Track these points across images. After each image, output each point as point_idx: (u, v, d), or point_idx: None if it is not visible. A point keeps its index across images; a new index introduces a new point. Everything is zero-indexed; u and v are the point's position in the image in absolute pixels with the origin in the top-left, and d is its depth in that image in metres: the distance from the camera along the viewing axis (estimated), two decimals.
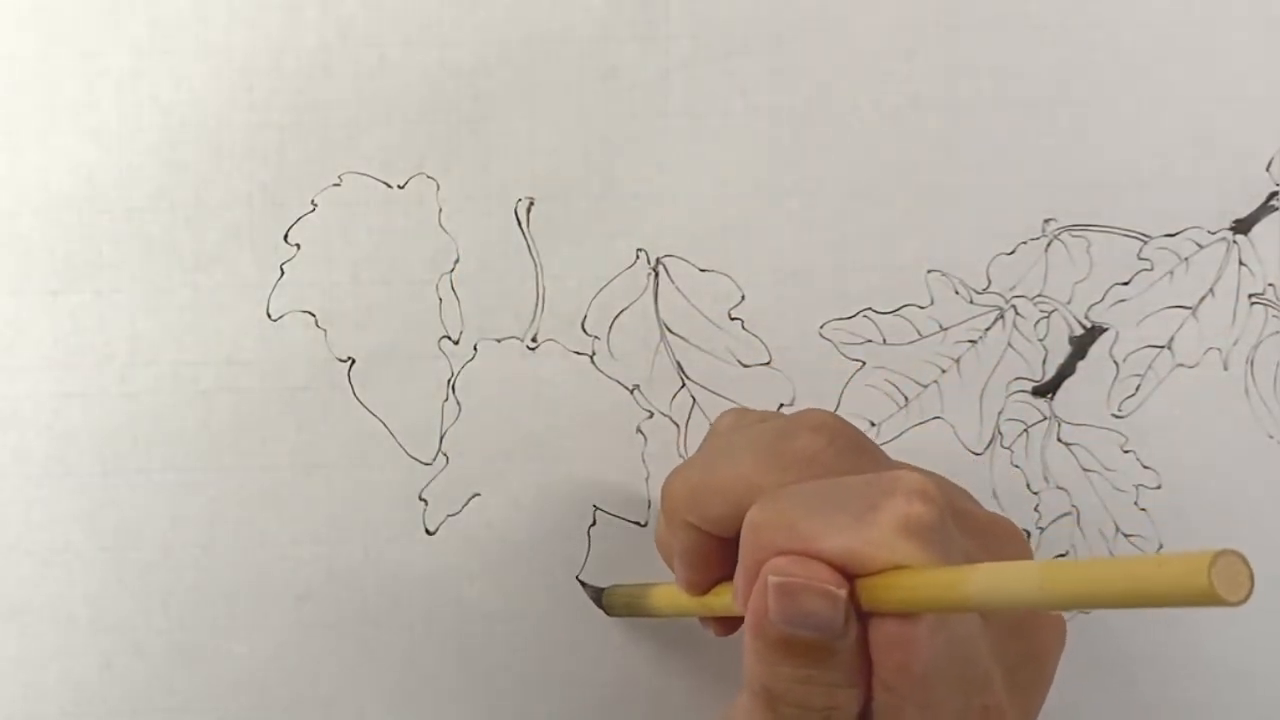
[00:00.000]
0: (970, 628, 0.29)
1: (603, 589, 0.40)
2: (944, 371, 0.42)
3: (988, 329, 0.42)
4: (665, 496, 0.34)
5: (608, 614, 0.40)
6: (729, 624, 0.36)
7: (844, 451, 0.31)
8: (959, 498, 0.34)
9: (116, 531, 0.40)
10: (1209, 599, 0.20)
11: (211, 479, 0.40)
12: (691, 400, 0.41)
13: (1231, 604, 0.20)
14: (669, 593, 0.36)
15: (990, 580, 0.25)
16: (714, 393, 0.41)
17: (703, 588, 0.34)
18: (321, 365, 0.41)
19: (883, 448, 0.33)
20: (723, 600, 0.33)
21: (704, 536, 0.33)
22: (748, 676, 0.29)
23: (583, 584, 0.41)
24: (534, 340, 0.41)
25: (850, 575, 0.27)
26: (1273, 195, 0.42)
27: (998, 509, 0.41)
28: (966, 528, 0.31)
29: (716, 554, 0.33)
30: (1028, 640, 0.31)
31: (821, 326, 0.42)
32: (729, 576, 0.33)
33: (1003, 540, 0.33)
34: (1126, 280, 0.42)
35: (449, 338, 0.41)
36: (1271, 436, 0.42)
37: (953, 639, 0.28)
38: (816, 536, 0.28)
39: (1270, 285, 0.42)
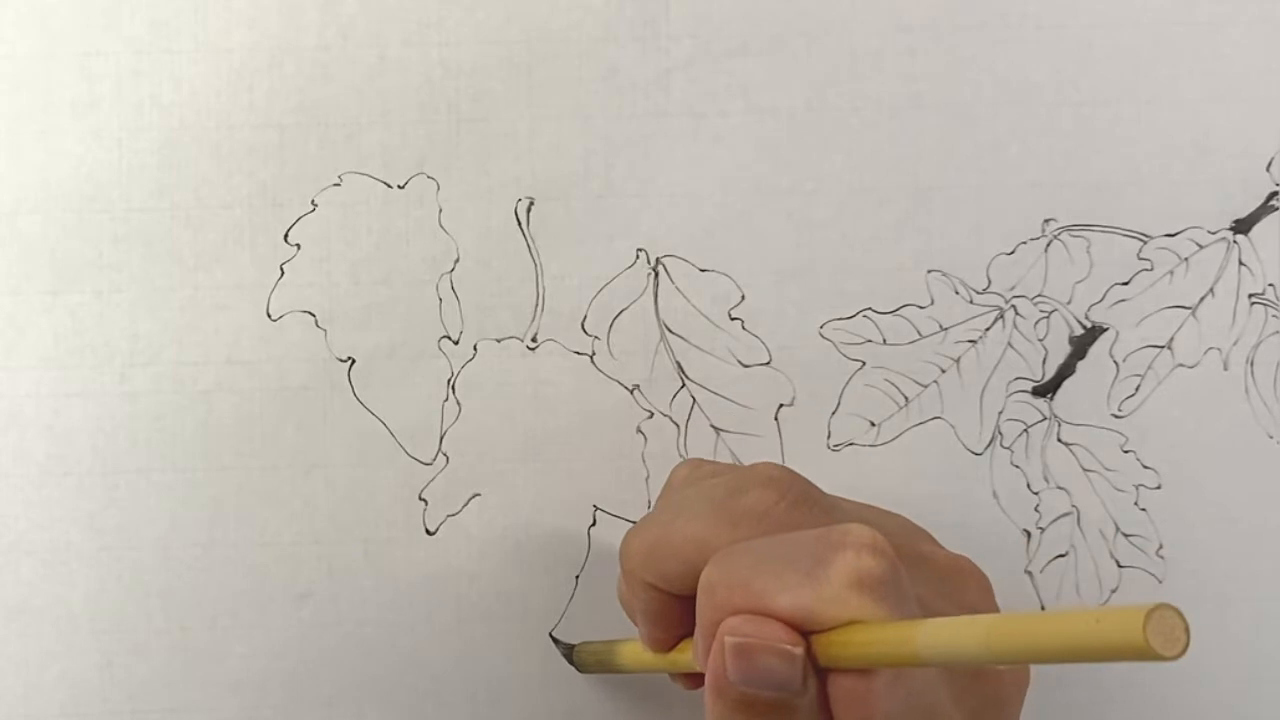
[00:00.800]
0: (930, 678, 0.29)
1: (573, 645, 0.40)
2: (944, 371, 0.42)
3: (988, 329, 0.42)
4: (623, 556, 0.34)
5: (579, 670, 0.40)
6: (697, 678, 0.35)
7: (795, 505, 0.31)
8: (918, 541, 0.33)
9: (116, 531, 0.40)
10: (1145, 654, 0.20)
11: (211, 479, 0.40)
12: (691, 400, 0.41)
13: (1167, 659, 0.20)
14: (636, 649, 0.36)
15: (937, 636, 0.25)
16: (714, 393, 0.41)
17: (667, 645, 0.34)
18: (321, 365, 0.41)
19: (883, 447, 0.33)
20: (688, 656, 0.33)
21: (664, 595, 0.33)
22: None
23: (555, 640, 0.40)
24: (534, 340, 0.41)
25: (806, 632, 0.27)
26: (1273, 195, 0.42)
27: (998, 509, 0.41)
28: (925, 572, 0.31)
29: (677, 611, 0.33)
30: (990, 685, 0.31)
31: (821, 326, 0.42)
32: (693, 632, 0.32)
33: (963, 581, 0.33)
34: (1126, 280, 0.42)
35: (449, 338, 0.41)
36: (1271, 436, 0.42)
37: (912, 691, 0.28)
38: (770, 594, 0.28)
39: (1270, 285, 0.42)
